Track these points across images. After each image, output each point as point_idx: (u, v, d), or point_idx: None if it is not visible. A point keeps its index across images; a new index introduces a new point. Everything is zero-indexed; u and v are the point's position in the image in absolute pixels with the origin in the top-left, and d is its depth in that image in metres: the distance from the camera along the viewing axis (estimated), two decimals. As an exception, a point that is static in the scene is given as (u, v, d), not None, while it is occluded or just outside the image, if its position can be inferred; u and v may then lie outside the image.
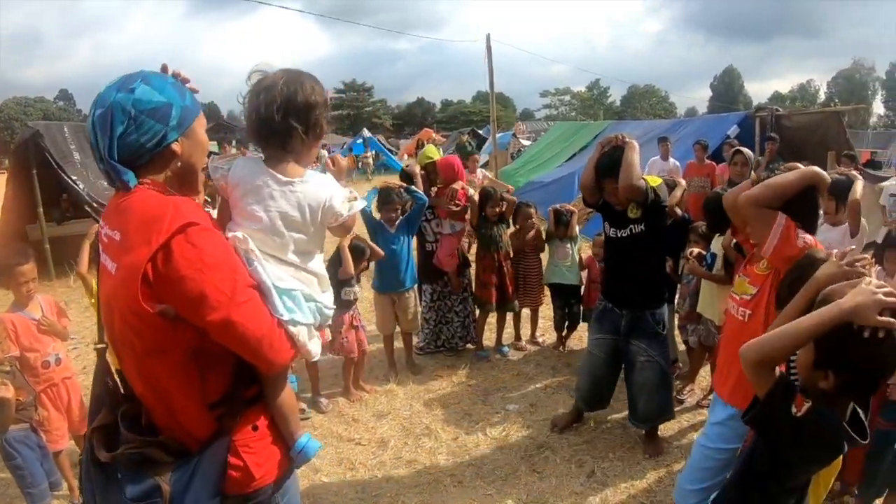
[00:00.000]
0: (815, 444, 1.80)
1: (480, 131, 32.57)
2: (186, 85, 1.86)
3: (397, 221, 5.52)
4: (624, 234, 4.16)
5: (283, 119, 1.84)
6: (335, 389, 5.48)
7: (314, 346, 1.98)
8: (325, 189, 1.95)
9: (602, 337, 4.45)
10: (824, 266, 2.19)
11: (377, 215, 5.54)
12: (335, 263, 4.99)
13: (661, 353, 4.26)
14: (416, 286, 5.85)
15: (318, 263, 2.03)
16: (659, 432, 4.55)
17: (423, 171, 5.90)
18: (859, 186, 4.16)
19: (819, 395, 1.79)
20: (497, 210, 5.98)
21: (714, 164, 10.51)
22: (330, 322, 2.20)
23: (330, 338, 5.04)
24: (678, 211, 5.22)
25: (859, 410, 1.83)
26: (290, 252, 1.90)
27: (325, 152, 30.75)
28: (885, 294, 1.66)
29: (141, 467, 1.71)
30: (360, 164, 29.57)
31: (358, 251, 5.19)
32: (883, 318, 1.64)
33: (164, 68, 1.86)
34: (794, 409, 1.78)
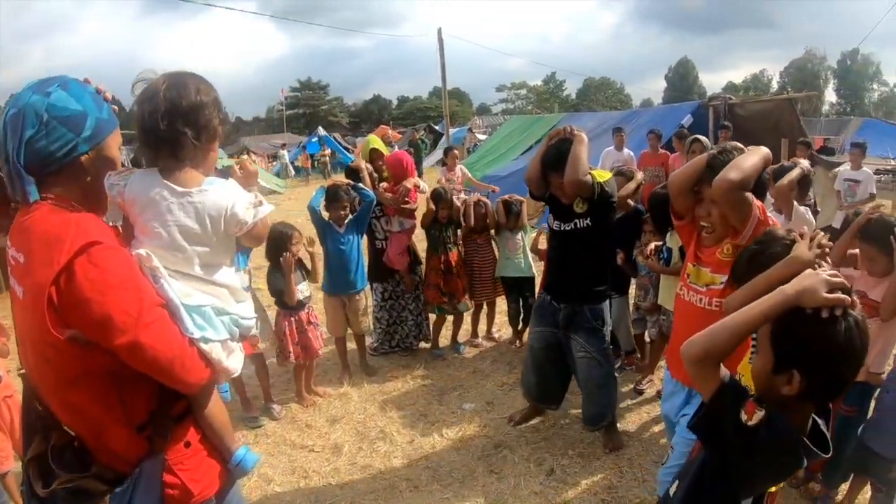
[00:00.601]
0: (770, 457, 1.64)
1: (437, 127, 32.55)
2: (106, 100, 1.79)
3: (346, 220, 5.35)
4: (568, 228, 4.05)
5: (170, 126, 1.72)
6: (288, 394, 5.30)
7: (233, 362, 1.88)
8: (225, 196, 1.83)
9: (540, 330, 4.35)
10: (800, 249, 2.14)
11: (326, 215, 5.37)
12: (274, 275, 4.83)
13: (599, 350, 4.16)
14: (367, 287, 5.70)
15: (228, 274, 1.90)
16: (619, 426, 4.47)
17: (369, 163, 5.78)
18: (794, 174, 4.12)
19: (779, 403, 1.64)
20: (447, 213, 5.84)
21: (668, 153, 10.54)
22: (254, 332, 2.07)
23: (264, 344, 4.91)
24: (630, 203, 5.14)
25: (820, 422, 1.70)
26: (196, 266, 1.79)
27: (284, 152, 30.48)
28: (830, 275, 1.60)
29: (78, 499, 1.68)
30: (316, 162, 29.23)
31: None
32: (832, 296, 1.54)
33: (87, 81, 1.78)
34: (744, 417, 1.62)
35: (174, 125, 1.72)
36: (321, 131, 32.02)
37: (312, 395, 5.26)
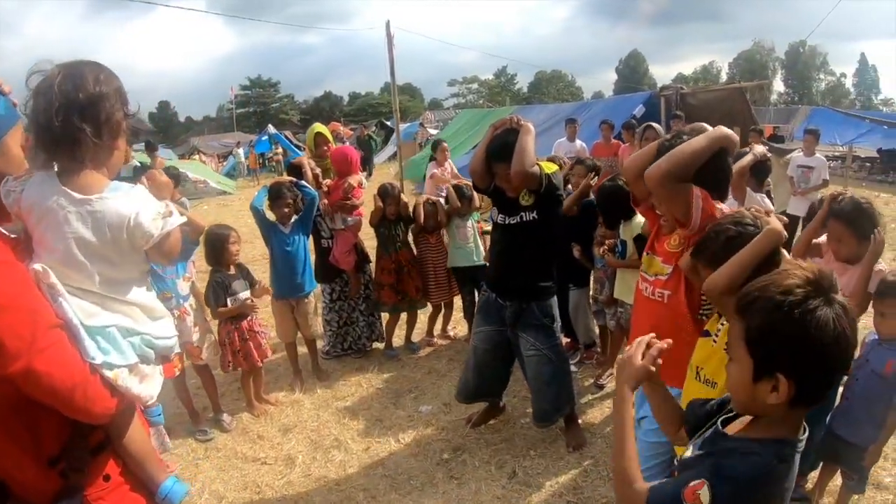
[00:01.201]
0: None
1: (388, 122, 32.19)
2: (8, 94, 1.59)
3: (291, 220, 5.13)
4: (513, 222, 3.90)
5: (65, 122, 1.53)
6: (240, 404, 5.06)
7: (146, 388, 1.68)
8: (128, 205, 1.63)
9: (485, 330, 4.19)
10: (774, 222, 2.18)
11: (271, 216, 5.15)
12: (216, 288, 4.59)
13: (550, 346, 4.03)
14: (316, 288, 5.49)
15: (139, 291, 1.71)
16: (580, 421, 4.36)
17: (314, 149, 5.67)
18: (745, 160, 4.07)
19: (766, 415, 1.46)
20: (396, 209, 5.66)
21: (620, 143, 10.55)
22: (175, 352, 1.87)
23: (206, 354, 4.68)
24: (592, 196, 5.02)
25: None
26: (98, 283, 1.59)
27: (240, 150, 29.78)
28: None
29: None
30: (266, 161, 28.70)
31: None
32: None
33: None
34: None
35: (70, 121, 1.53)
36: (271, 129, 31.41)
37: (264, 403, 5.04)
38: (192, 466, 4.27)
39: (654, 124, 6.14)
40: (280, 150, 27.27)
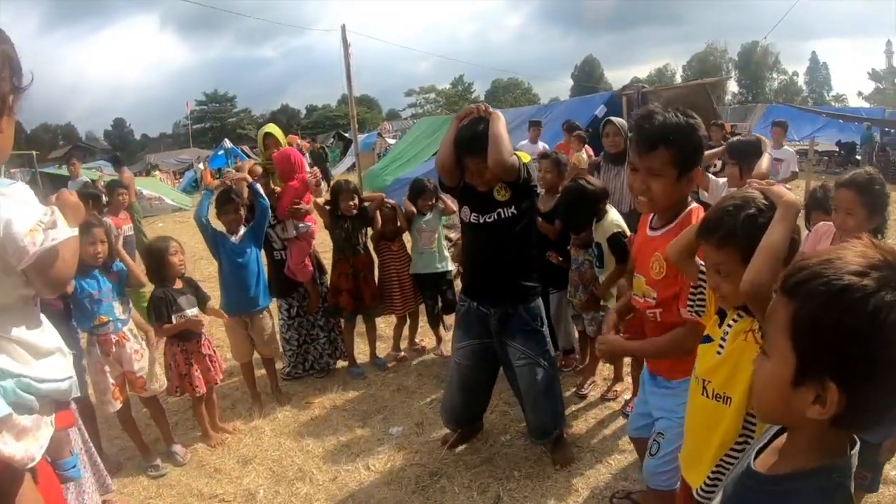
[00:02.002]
0: None
1: (346, 134, 31.87)
2: None
3: (241, 230, 4.72)
4: (490, 220, 3.53)
5: None
6: (195, 433, 4.62)
7: (24, 447, 1.29)
8: None
9: (469, 344, 3.82)
10: (786, 193, 1.94)
11: (220, 225, 4.75)
12: (159, 304, 4.17)
13: (542, 353, 3.68)
14: (272, 304, 5.09)
15: (15, 321, 1.33)
16: (566, 437, 4.00)
17: (265, 151, 5.31)
18: (765, 162, 3.87)
19: (807, 446, 1.13)
20: (352, 204, 5.23)
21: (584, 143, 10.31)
22: (73, 395, 1.46)
23: (156, 385, 4.25)
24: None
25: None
26: None
27: (201, 166, 29.00)
28: None
29: None
30: (223, 176, 28.01)
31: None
32: None
33: None
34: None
35: None
36: (227, 144, 30.79)
37: (220, 432, 4.60)
38: (143, 507, 3.84)
39: (614, 118, 5.79)
40: (240, 162, 26.61)
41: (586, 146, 9.85)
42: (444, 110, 73.63)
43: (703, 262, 2.15)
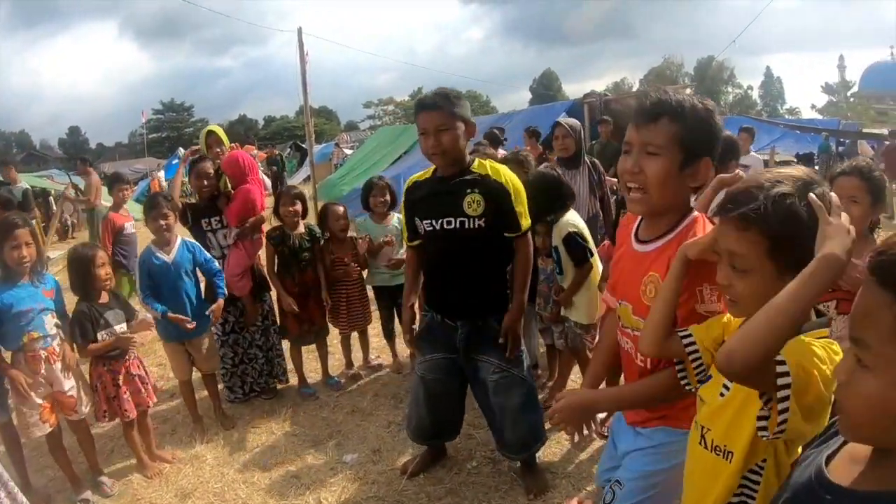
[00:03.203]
0: None
1: (303, 144, 31.41)
2: None
3: (175, 247, 4.28)
4: (449, 227, 3.18)
5: None
6: (131, 462, 4.15)
7: None
8: None
9: (433, 358, 3.46)
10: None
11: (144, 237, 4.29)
12: (82, 320, 3.73)
13: (517, 364, 3.32)
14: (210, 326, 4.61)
15: None
16: (538, 462, 3.64)
17: (207, 150, 4.96)
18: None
19: None
20: (293, 209, 4.81)
21: (546, 150, 10.08)
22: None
23: (86, 408, 3.82)
24: None
25: None
26: None
27: (160, 173, 28.15)
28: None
29: None
30: (185, 187, 27.29)
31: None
32: None
33: None
34: None
35: None
36: (181, 152, 30.03)
37: (158, 461, 4.15)
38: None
39: (564, 119, 5.40)
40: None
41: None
42: (402, 121, 73.54)
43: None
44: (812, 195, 1.41)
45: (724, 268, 1.58)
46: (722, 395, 1.62)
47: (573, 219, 4.03)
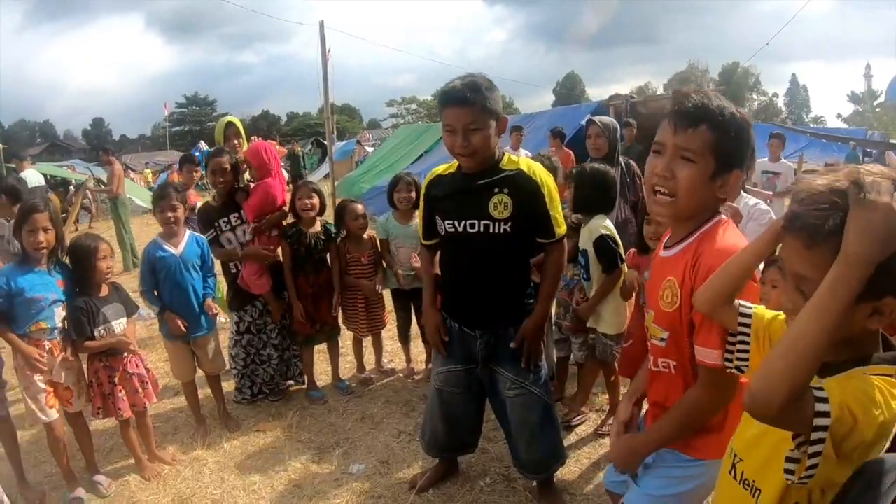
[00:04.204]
0: None
1: (325, 141, 31.42)
2: None
3: (185, 236, 4.11)
4: (473, 230, 2.93)
5: None
6: (129, 462, 3.99)
7: None
8: None
9: (450, 370, 3.23)
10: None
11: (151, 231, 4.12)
12: (79, 315, 3.56)
13: (536, 381, 3.08)
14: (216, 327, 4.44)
15: None
16: (555, 480, 3.41)
17: (224, 143, 4.76)
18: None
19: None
20: (310, 202, 4.58)
21: (570, 152, 9.86)
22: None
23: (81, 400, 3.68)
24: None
25: None
26: None
27: (149, 171, 28.24)
28: None
29: None
30: (200, 180, 27.35)
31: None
32: None
33: None
34: None
35: None
36: (203, 146, 30.12)
37: (157, 462, 3.97)
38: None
39: (598, 118, 5.12)
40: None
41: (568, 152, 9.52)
42: (425, 120, 73.51)
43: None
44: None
45: (790, 289, 1.36)
46: None
47: (605, 221, 3.79)
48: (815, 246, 1.24)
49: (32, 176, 10.97)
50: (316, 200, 4.59)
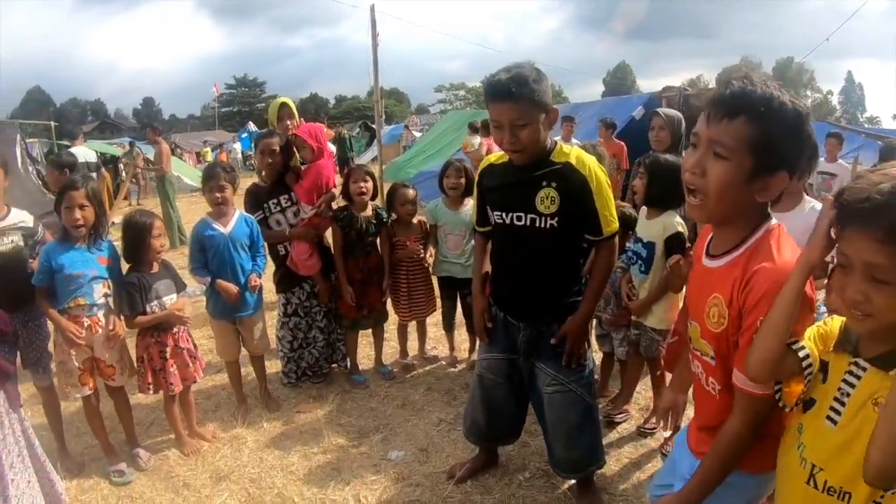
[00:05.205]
0: None
1: (373, 125, 31.49)
2: None
3: (234, 216, 4.13)
4: (520, 223, 2.86)
5: None
6: (169, 437, 4.05)
7: None
8: None
9: (493, 357, 3.18)
10: None
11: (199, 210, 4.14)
12: (131, 290, 3.60)
13: (578, 379, 2.99)
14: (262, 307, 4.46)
15: None
16: (595, 479, 3.34)
17: (276, 124, 4.74)
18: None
19: None
20: (364, 185, 4.53)
21: (622, 143, 9.67)
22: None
23: (123, 377, 3.72)
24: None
25: None
26: None
27: (237, 145, 28.53)
28: None
29: None
30: (246, 160, 27.65)
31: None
32: None
33: None
34: None
35: None
36: (252, 127, 30.50)
37: (196, 438, 4.02)
38: (97, 521, 3.28)
39: (664, 110, 4.95)
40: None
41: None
42: (473, 107, 73.22)
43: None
44: None
45: (859, 281, 1.33)
46: (832, 420, 1.43)
47: (677, 217, 3.63)
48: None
49: (83, 152, 11.22)
50: (370, 185, 4.55)
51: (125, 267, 3.71)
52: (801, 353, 1.49)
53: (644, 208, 3.79)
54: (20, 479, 2.92)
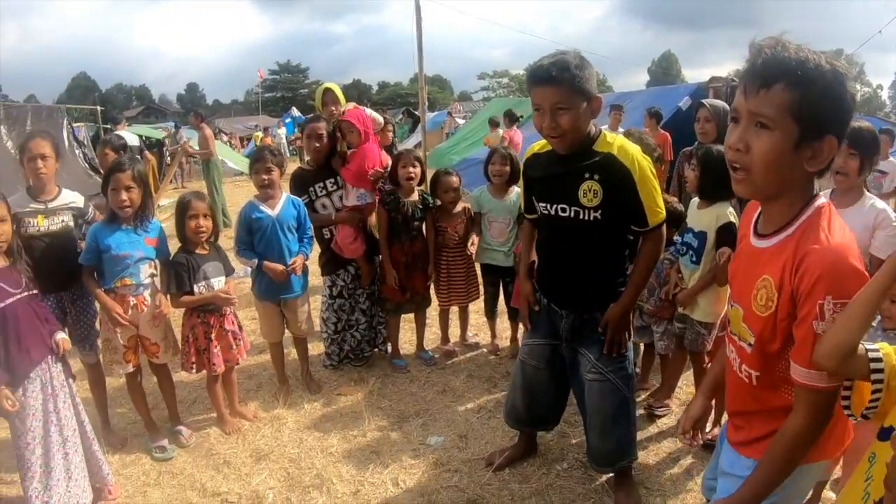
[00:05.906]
0: None
1: (416, 112, 31.44)
2: None
3: (281, 198, 4.16)
4: (564, 214, 2.83)
5: None
6: (210, 415, 4.12)
7: None
8: None
9: (535, 343, 3.18)
10: None
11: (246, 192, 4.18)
12: (178, 270, 3.68)
13: (617, 370, 2.97)
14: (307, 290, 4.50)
15: None
16: (633, 473, 3.31)
17: (321, 109, 4.79)
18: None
19: None
20: (413, 170, 4.54)
21: (667, 134, 9.50)
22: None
23: (166, 355, 3.81)
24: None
25: None
26: None
27: (281, 131, 28.79)
28: None
29: None
30: (290, 145, 27.85)
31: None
32: None
33: None
34: None
35: None
36: (295, 112, 30.67)
37: (237, 417, 4.08)
38: (139, 495, 3.37)
39: (710, 101, 4.82)
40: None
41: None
42: (516, 95, 72.69)
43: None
44: None
45: None
46: None
47: (729, 208, 3.54)
48: None
49: (126, 136, 11.46)
50: (418, 170, 4.56)
51: (175, 249, 3.78)
52: (872, 355, 1.41)
53: (695, 199, 3.72)
54: (73, 453, 3.01)
